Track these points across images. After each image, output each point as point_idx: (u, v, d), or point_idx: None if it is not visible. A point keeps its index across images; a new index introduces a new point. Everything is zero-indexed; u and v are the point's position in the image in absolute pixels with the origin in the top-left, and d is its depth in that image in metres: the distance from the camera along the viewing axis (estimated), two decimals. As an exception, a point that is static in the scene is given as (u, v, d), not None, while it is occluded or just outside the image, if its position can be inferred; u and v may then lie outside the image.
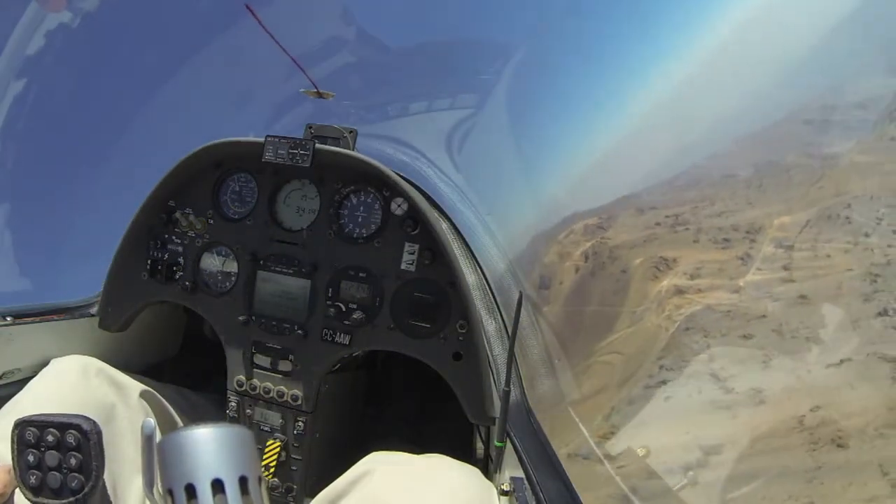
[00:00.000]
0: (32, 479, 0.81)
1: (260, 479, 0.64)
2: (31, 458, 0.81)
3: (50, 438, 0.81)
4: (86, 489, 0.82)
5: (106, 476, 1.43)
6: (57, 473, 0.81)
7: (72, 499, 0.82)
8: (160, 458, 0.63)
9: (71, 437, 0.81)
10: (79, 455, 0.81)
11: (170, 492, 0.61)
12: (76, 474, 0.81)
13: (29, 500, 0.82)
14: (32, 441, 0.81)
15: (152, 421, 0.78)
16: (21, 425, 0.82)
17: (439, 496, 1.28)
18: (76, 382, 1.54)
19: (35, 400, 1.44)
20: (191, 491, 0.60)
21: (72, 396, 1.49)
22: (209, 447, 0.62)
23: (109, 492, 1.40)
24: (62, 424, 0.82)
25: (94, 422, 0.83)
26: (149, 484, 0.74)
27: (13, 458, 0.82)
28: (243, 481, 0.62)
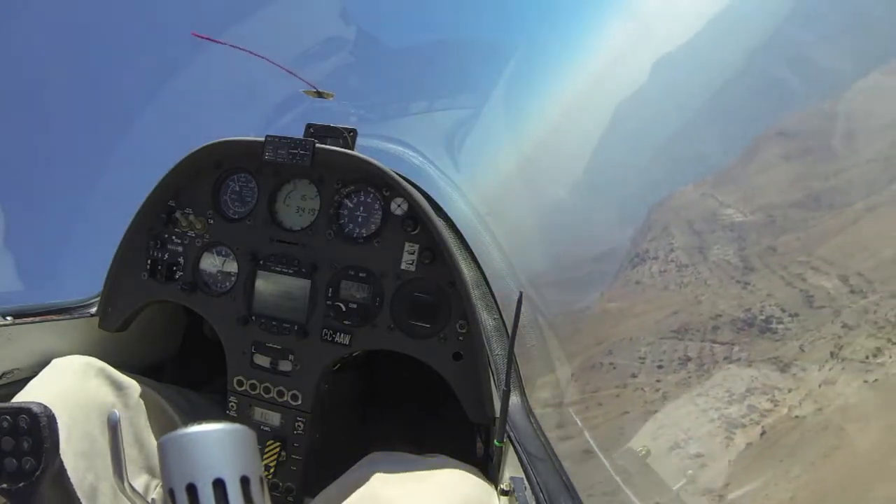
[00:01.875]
0: None
1: (261, 479, 0.64)
2: None
3: (4, 424, 0.83)
4: (37, 472, 0.83)
5: (106, 475, 1.43)
6: (12, 458, 0.82)
7: (25, 482, 0.83)
8: (161, 457, 0.63)
9: (23, 422, 0.82)
10: (30, 439, 0.82)
11: (171, 492, 0.61)
12: (29, 458, 0.82)
13: None
14: None
15: (117, 413, 0.79)
16: None
17: (439, 496, 1.29)
18: (76, 382, 1.54)
19: (36, 399, 1.44)
20: (192, 491, 0.60)
21: (72, 396, 1.49)
22: (210, 447, 0.61)
23: (108, 490, 1.40)
24: (14, 410, 0.83)
25: (46, 406, 0.85)
26: (119, 475, 0.75)
27: None
28: (245, 481, 0.61)
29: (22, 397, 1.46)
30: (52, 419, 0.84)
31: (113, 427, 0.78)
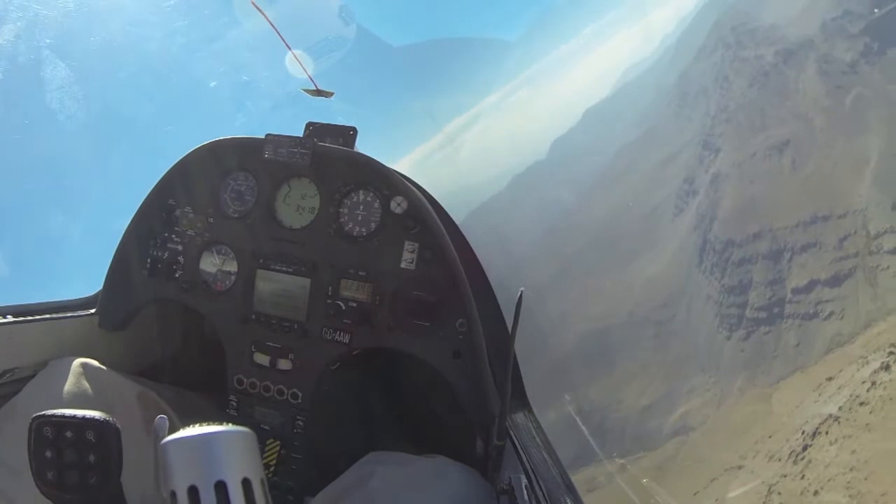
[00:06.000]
0: (49, 476, 0.81)
1: (262, 480, 0.64)
2: (48, 454, 0.81)
3: (68, 435, 0.81)
4: (105, 486, 0.82)
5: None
6: (74, 471, 0.81)
7: (91, 495, 0.81)
8: (162, 460, 0.63)
9: (90, 435, 0.81)
10: (97, 453, 0.81)
11: (172, 493, 0.61)
12: (94, 471, 0.81)
13: (46, 496, 0.82)
14: (50, 438, 0.81)
15: (166, 418, 0.77)
16: (38, 422, 0.82)
17: (439, 496, 1.29)
18: (75, 382, 1.53)
19: (34, 400, 1.44)
20: (194, 493, 0.60)
21: (70, 397, 1.49)
22: (212, 449, 0.62)
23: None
24: (81, 421, 0.81)
25: (113, 420, 0.83)
26: (158, 485, 0.74)
27: (29, 455, 0.82)
28: (246, 483, 0.62)
29: (21, 398, 1.46)
30: (119, 434, 0.83)
31: (160, 435, 0.75)
